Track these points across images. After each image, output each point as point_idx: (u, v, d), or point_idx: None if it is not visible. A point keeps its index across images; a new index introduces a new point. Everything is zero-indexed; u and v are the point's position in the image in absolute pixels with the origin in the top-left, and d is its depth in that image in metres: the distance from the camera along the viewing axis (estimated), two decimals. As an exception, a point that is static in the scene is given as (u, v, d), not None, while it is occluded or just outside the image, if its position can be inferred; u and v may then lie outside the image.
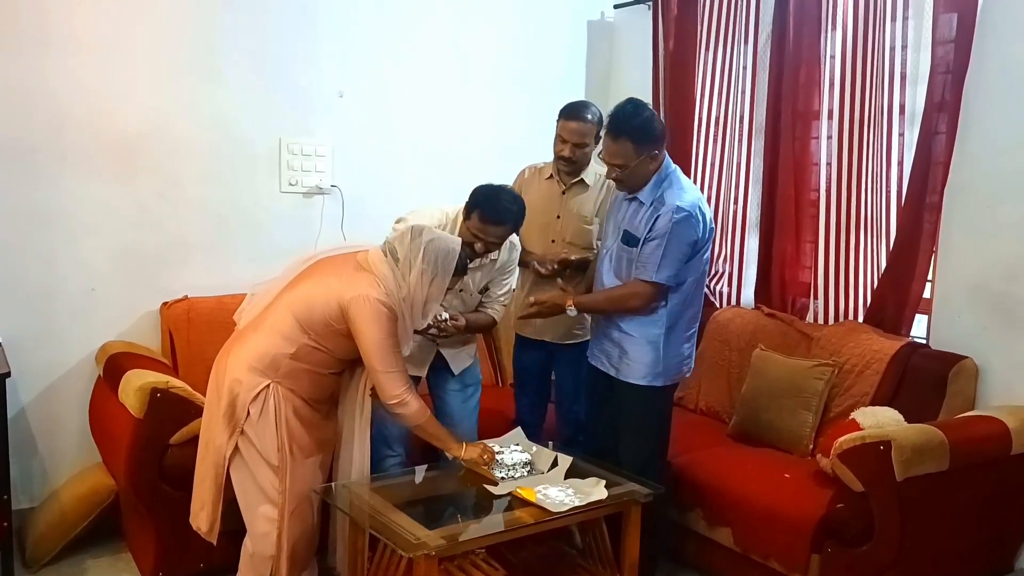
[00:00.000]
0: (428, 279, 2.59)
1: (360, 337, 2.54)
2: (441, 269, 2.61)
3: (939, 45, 3.16)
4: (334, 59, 3.94)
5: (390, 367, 2.56)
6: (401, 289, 2.58)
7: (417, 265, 2.58)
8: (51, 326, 3.46)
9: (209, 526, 2.67)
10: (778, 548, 2.84)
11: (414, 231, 2.63)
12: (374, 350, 2.54)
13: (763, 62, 3.87)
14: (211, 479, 2.64)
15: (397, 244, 2.63)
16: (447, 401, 3.14)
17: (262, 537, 2.61)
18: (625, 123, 2.77)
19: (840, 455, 2.69)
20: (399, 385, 2.59)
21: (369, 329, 2.52)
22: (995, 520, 2.92)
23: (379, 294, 2.54)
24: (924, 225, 3.25)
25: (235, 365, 2.60)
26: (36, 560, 3.14)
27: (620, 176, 2.83)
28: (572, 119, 3.10)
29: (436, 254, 2.60)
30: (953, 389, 3.09)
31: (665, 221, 2.75)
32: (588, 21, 4.69)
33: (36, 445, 3.50)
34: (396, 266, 2.60)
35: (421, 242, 2.59)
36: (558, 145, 3.17)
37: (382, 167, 4.12)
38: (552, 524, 2.59)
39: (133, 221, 3.56)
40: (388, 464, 3.05)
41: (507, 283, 3.15)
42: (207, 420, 2.69)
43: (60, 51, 3.36)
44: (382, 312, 2.53)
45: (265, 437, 2.57)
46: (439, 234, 2.66)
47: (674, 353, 2.91)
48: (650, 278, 2.79)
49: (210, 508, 2.66)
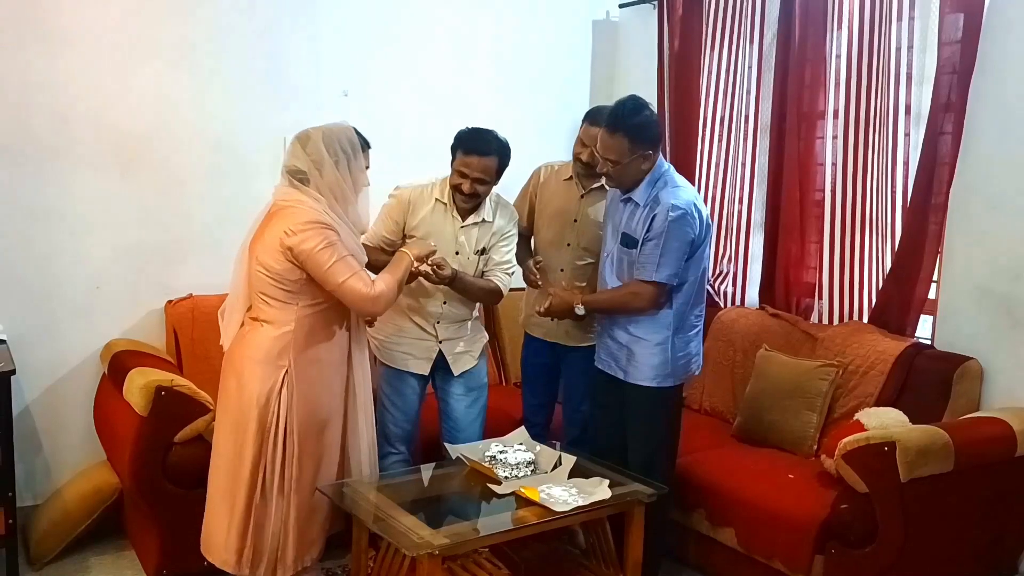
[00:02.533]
0: (344, 165, 2.55)
1: (310, 264, 2.49)
2: (350, 148, 2.57)
3: (945, 45, 3.15)
4: (338, 58, 3.94)
5: (346, 272, 2.52)
6: (322, 199, 2.54)
7: (326, 160, 2.53)
8: (55, 324, 3.47)
9: (238, 555, 2.58)
10: (781, 549, 2.83)
11: (301, 139, 2.57)
12: (325, 268, 2.49)
13: (768, 62, 3.86)
14: (242, 501, 2.56)
15: (296, 163, 2.56)
16: (452, 405, 3.12)
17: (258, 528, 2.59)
18: (624, 119, 2.77)
19: (844, 456, 2.69)
20: (364, 284, 2.55)
21: (313, 252, 2.47)
22: (999, 521, 2.91)
23: (305, 218, 2.49)
24: (929, 226, 3.25)
25: (246, 380, 2.56)
26: (40, 557, 3.14)
27: (611, 172, 2.84)
28: (595, 124, 3.04)
29: (335, 140, 2.55)
30: (958, 390, 3.08)
31: (661, 220, 2.75)
32: (593, 20, 4.68)
33: (40, 443, 3.50)
34: (307, 185, 2.55)
35: (315, 140, 2.54)
36: (577, 147, 3.14)
37: (387, 165, 4.10)
38: (555, 524, 2.58)
39: (137, 219, 3.56)
40: (390, 462, 3.05)
41: (507, 250, 3.11)
42: (227, 446, 2.61)
43: (63, 49, 3.37)
44: (316, 230, 2.48)
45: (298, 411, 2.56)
46: (327, 125, 2.60)
47: (682, 353, 2.91)
48: (650, 278, 2.79)
49: (238, 534, 2.57)
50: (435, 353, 3.07)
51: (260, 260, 2.54)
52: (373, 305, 2.60)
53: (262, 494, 2.57)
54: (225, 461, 2.61)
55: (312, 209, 2.52)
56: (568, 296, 2.96)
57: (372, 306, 2.60)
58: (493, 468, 2.73)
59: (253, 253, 2.58)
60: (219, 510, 2.61)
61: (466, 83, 4.27)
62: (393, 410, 3.07)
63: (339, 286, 2.52)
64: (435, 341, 3.06)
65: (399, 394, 3.07)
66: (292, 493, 2.58)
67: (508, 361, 4.14)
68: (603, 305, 2.97)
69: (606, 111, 3.08)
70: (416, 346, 3.06)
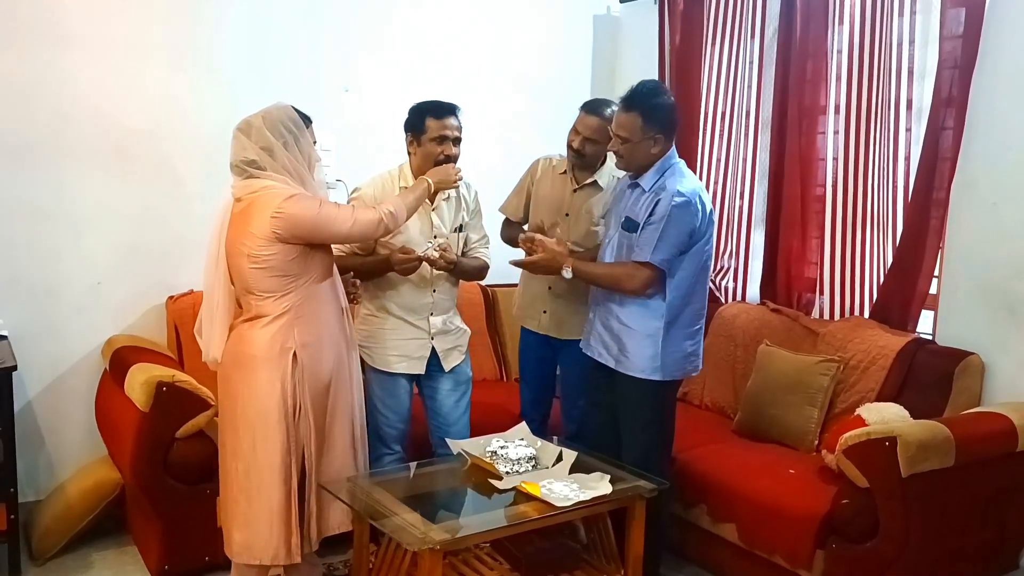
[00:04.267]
0: (293, 144, 2.53)
1: (316, 229, 2.51)
2: (294, 127, 2.54)
3: (947, 40, 3.14)
4: (339, 54, 3.94)
5: (347, 218, 2.57)
6: (283, 182, 2.50)
7: (274, 144, 2.50)
8: (57, 320, 3.47)
9: (287, 546, 2.57)
10: (783, 544, 2.83)
11: (243, 130, 2.54)
12: (332, 221, 2.53)
13: (770, 57, 3.86)
14: (279, 493, 2.54)
15: (245, 154, 2.52)
16: (440, 401, 3.10)
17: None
18: (640, 98, 2.78)
19: (845, 451, 2.69)
20: (370, 214, 2.62)
21: (314, 215, 2.48)
22: (1000, 516, 2.91)
23: (284, 194, 2.46)
24: (931, 221, 3.24)
25: (258, 376, 2.54)
26: (42, 553, 3.15)
27: (621, 150, 2.83)
28: (590, 113, 3.09)
29: (277, 122, 2.52)
30: (959, 385, 3.08)
31: (665, 205, 2.76)
32: (594, 16, 4.68)
33: (42, 439, 3.51)
34: (263, 172, 2.51)
35: (258, 127, 2.51)
36: (571, 135, 3.15)
37: (387, 161, 4.10)
38: (556, 519, 2.58)
39: (138, 216, 3.57)
40: (386, 462, 3.04)
41: (480, 224, 3.18)
42: (244, 446, 2.56)
43: (63, 47, 3.37)
44: (301, 197, 2.48)
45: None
46: (264, 110, 2.56)
47: (674, 349, 2.88)
48: (645, 259, 2.77)
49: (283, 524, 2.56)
50: (428, 351, 3.05)
51: (250, 255, 2.49)
52: (392, 221, 2.65)
53: (299, 480, 2.58)
54: (245, 463, 2.56)
55: (285, 187, 2.50)
56: (558, 253, 2.88)
57: (391, 222, 2.65)
58: (494, 463, 2.73)
59: (232, 254, 2.54)
60: (255, 510, 2.56)
61: (467, 78, 4.26)
62: (387, 412, 3.05)
63: (350, 229, 2.57)
64: (428, 338, 3.05)
65: (392, 395, 3.05)
66: (313, 464, 2.60)
67: (509, 357, 4.14)
68: (593, 275, 2.92)
69: (601, 102, 3.12)
70: (409, 346, 3.03)
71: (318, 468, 2.64)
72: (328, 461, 2.67)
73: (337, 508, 2.69)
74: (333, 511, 2.69)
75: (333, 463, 2.68)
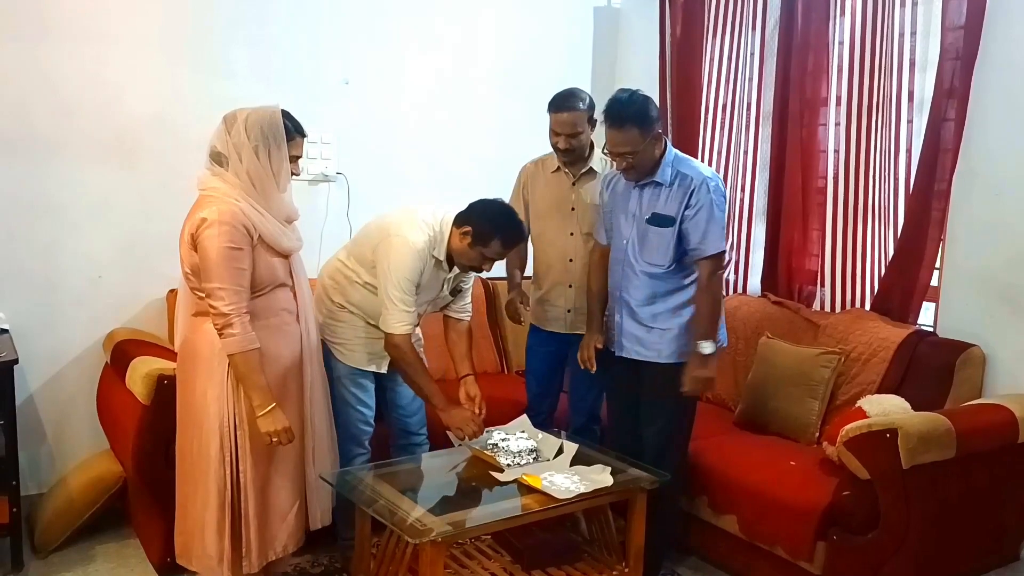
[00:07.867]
0: (264, 153, 2.45)
1: (202, 260, 2.39)
2: (271, 136, 2.46)
3: (948, 31, 3.13)
4: (338, 46, 3.94)
5: (221, 285, 2.37)
6: (237, 186, 2.43)
7: (245, 145, 2.43)
8: (58, 314, 3.48)
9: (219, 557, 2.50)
10: (784, 535, 2.84)
11: (227, 120, 2.50)
12: (208, 271, 2.38)
13: (771, 49, 3.85)
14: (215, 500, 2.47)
15: (219, 145, 2.47)
16: (400, 393, 3.05)
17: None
18: (626, 111, 2.77)
19: (846, 443, 2.69)
20: (229, 307, 2.37)
21: (206, 254, 2.38)
22: (1001, 508, 2.92)
23: (211, 213, 2.38)
24: (932, 213, 3.24)
25: (198, 378, 2.49)
26: (45, 546, 3.15)
27: (632, 163, 2.81)
28: (562, 110, 3.05)
29: (257, 124, 2.46)
30: (960, 377, 3.08)
31: (704, 193, 2.79)
32: (594, 7, 4.67)
33: (44, 432, 3.52)
34: (226, 168, 2.46)
35: (239, 123, 2.46)
36: (552, 138, 3.12)
37: (387, 154, 4.11)
38: (558, 511, 2.59)
39: (138, 210, 3.56)
40: (358, 463, 2.96)
41: (468, 283, 3.10)
42: (189, 449, 2.52)
43: (62, 41, 3.37)
44: (214, 229, 2.37)
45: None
46: (255, 107, 2.52)
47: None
48: (716, 250, 2.81)
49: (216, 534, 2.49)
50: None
51: (185, 253, 2.47)
52: (224, 329, 2.38)
53: (234, 490, 2.49)
54: (189, 464, 2.54)
55: (228, 197, 2.42)
56: (700, 365, 2.82)
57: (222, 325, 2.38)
58: (495, 456, 2.73)
59: (181, 243, 2.50)
60: (189, 514, 2.54)
61: (467, 70, 4.27)
62: (363, 409, 2.98)
63: (214, 293, 2.37)
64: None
65: (366, 391, 2.99)
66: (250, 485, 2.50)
67: (509, 349, 4.14)
68: (709, 322, 2.86)
69: (568, 95, 3.08)
70: (378, 345, 2.93)
71: (264, 489, 2.54)
72: (279, 485, 2.57)
73: (283, 529, 2.59)
74: (280, 530, 2.59)
75: (281, 491, 2.58)
